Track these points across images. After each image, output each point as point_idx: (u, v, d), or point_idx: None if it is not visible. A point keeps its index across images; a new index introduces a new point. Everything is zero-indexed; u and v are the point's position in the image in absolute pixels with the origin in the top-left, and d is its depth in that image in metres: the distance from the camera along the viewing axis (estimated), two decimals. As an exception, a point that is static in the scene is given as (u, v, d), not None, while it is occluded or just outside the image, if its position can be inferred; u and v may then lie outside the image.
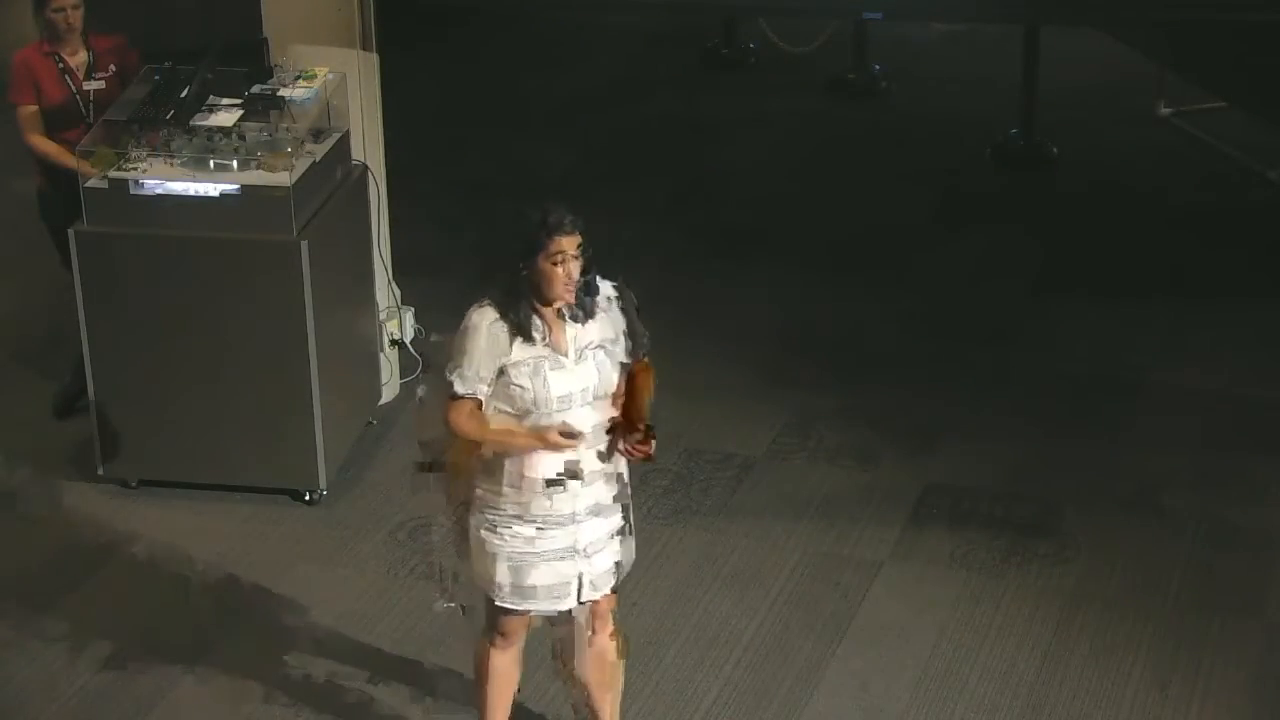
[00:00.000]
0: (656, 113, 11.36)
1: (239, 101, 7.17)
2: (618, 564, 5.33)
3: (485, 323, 5.04)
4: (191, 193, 6.88)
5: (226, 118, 7.09)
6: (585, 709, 5.62)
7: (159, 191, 6.90)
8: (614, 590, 5.39)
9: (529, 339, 5.03)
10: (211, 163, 6.95)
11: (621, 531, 5.31)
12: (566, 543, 5.17)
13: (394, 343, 7.94)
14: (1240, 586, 6.61)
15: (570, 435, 5.00)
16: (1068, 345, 8.39)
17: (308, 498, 7.19)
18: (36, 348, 8.39)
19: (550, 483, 5.11)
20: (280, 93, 7.22)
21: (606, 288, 5.20)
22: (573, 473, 5.10)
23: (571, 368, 5.06)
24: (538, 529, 5.15)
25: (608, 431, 5.17)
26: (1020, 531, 6.95)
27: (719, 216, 9.85)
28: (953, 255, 9.36)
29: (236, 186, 6.88)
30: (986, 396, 7.93)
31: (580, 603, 5.29)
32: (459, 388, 5.07)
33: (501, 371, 5.05)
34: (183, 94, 7.10)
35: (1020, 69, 10.53)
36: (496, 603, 5.27)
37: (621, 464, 5.28)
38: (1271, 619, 6.42)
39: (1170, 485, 7.22)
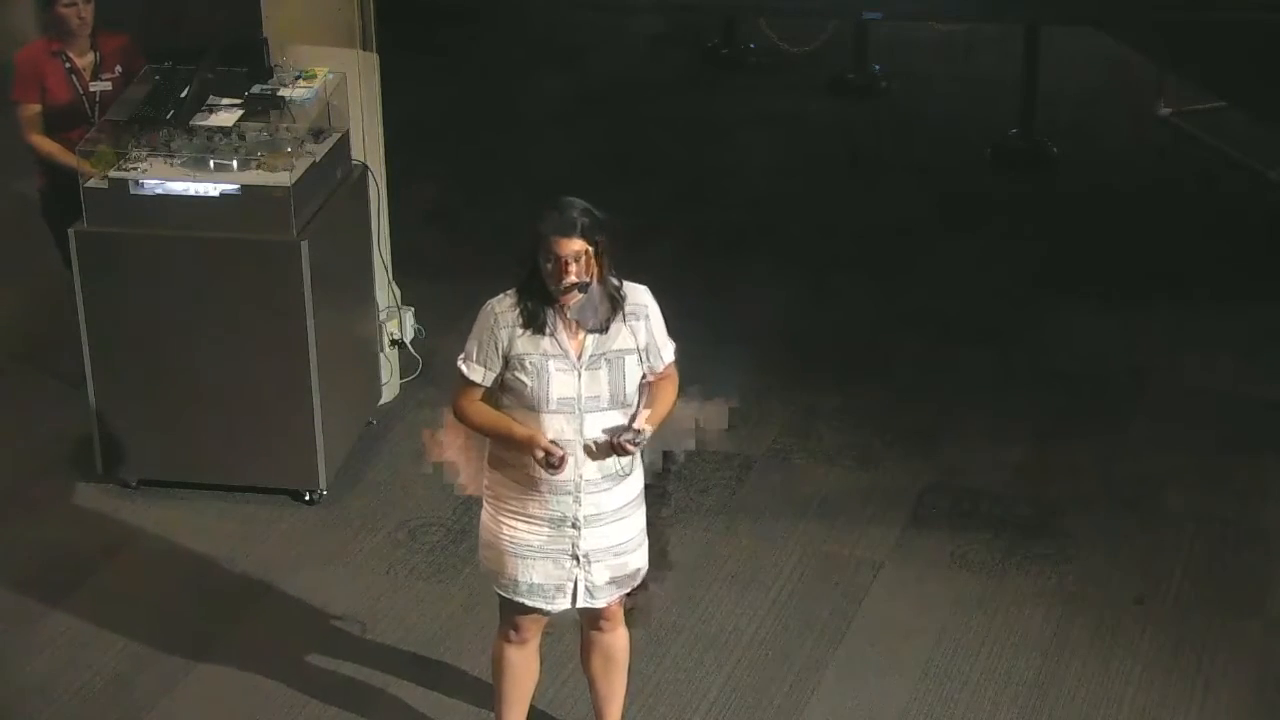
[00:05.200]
0: (656, 113, 11.35)
1: (239, 101, 7.17)
2: (624, 577, 5.26)
3: (496, 312, 5.03)
4: (191, 193, 6.88)
5: (226, 118, 7.09)
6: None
7: (159, 191, 6.90)
8: (637, 588, 5.37)
9: (539, 332, 4.99)
10: (211, 163, 6.95)
11: (631, 543, 5.24)
12: (564, 546, 5.14)
13: (394, 343, 7.94)
14: (1240, 586, 6.61)
15: (551, 463, 4.94)
16: (1068, 345, 8.38)
17: (308, 498, 7.19)
18: (36, 348, 8.39)
19: (551, 485, 5.08)
20: (280, 93, 7.22)
21: (642, 295, 5.13)
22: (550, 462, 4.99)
23: (580, 372, 4.99)
24: (536, 526, 5.14)
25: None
26: (1020, 531, 6.94)
27: (719, 216, 9.85)
28: (953, 255, 9.35)
29: (236, 186, 6.88)
30: (986, 396, 7.92)
31: (577, 607, 5.27)
32: (466, 374, 5.07)
33: (508, 362, 5.03)
34: (183, 94, 7.10)
35: (1020, 69, 10.53)
36: (497, 591, 5.28)
37: (637, 474, 5.23)
38: (1271, 619, 6.42)
39: (1170, 485, 7.22)
